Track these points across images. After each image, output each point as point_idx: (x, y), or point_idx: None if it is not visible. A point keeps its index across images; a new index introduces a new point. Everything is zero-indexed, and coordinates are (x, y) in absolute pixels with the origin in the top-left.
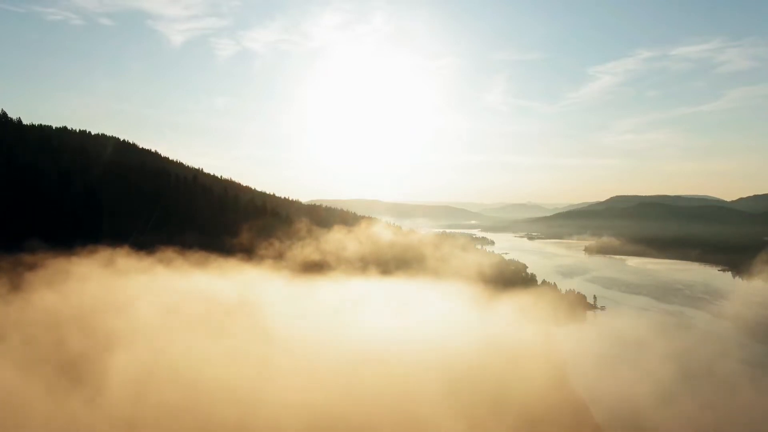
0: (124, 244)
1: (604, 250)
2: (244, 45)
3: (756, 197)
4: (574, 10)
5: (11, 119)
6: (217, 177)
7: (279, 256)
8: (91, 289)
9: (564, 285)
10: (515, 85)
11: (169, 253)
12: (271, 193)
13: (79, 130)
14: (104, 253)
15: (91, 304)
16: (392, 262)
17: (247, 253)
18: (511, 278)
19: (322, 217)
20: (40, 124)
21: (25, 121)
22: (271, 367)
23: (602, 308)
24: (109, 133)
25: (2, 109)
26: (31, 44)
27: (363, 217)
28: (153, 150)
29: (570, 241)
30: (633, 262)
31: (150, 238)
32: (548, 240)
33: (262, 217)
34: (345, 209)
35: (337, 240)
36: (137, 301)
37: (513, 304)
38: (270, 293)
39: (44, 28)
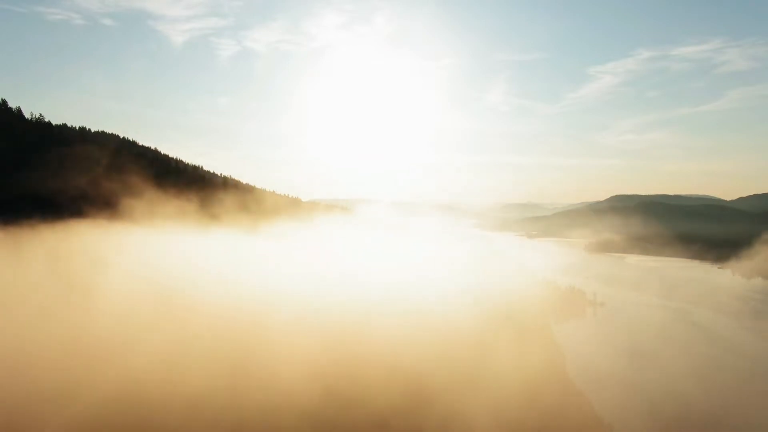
0: (122, 221)
1: (604, 248)
2: (245, 45)
3: (756, 197)
4: (574, 10)
5: (11, 108)
6: (216, 174)
7: (279, 235)
8: (87, 239)
9: (564, 282)
10: (516, 85)
11: (167, 224)
12: (271, 191)
13: (79, 127)
14: (101, 224)
15: (87, 247)
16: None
17: (246, 230)
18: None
19: (322, 211)
20: (40, 114)
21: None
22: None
23: (602, 304)
24: (109, 132)
25: (2, 98)
26: (32, 45)
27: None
28: (153, 148)
29: (570, 239)
30: (633, 259)
31: (147, 215)
32: (548, 238)
33: (261, 207)
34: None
35: (337, 224)
36: (131, 247)
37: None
38: (263, 251)
39: (46, 28)
